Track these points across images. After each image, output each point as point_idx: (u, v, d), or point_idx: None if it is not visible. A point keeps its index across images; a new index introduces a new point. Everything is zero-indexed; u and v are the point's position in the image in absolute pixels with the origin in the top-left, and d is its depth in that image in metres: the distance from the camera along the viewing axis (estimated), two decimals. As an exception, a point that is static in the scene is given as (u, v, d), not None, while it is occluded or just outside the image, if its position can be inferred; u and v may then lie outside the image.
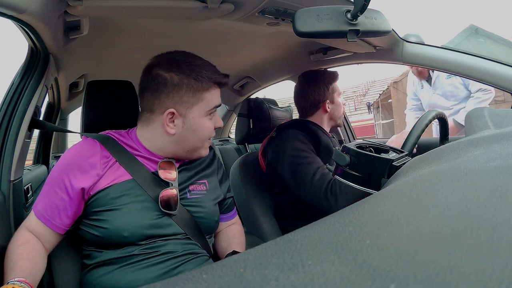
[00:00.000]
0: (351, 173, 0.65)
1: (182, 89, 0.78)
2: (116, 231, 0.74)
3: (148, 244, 0.76)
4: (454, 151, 0.36)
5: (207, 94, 0.81)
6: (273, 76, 1.92)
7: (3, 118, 0.89)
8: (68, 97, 1.83)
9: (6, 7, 0.63)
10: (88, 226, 0.78)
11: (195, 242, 0.83)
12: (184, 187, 0.85)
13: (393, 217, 0.22)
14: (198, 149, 0.85)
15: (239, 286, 0.16)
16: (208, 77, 0.80)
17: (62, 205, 0.77)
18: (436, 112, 0.82)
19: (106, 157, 0.80)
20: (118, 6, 0.86)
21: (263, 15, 1.00)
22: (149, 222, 0.77)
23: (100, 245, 0.78)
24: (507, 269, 0.14)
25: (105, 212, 0.76)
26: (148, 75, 0.81)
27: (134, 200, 0.77)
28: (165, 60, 0.81)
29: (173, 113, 0.79)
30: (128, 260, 0.75)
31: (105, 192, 0.77)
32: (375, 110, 11.27)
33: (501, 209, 0.19)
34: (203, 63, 0.83)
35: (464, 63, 1.15)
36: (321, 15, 0.75)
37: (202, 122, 0.82)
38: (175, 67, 0.79)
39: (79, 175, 0.77)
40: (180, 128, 0.80)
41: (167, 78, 0.78)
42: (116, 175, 0.79)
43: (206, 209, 0.87)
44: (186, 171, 0.88)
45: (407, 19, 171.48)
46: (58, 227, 0.78)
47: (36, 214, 0.78)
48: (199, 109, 0.81)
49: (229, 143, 2.67)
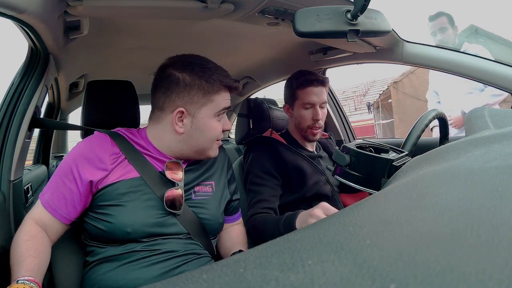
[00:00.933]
0: (351, 173, 0.65)
1: (193, 89, 0.80)
2: (120, 227, 0.75)
3: (150, 242, 0.77)
4: (454, 151, 0.36)
5: (217, 97, 0.83)
6: (273, 76, 1.92)
7: (3, 118, 0.89)
8: (68, 97, 1.83)
9: (6, 7, 0.63)
10: (93, 219, 0.78)
11: (197, 242, 0.83)
12: (190, 188, 0.86)
13: (393, 217, 0.22)
14: (206, 150, 0.86)
15: (239, 286, 0.16)
16: (220, 80, 0.82)
17: (70, 196, 0.77)
18: (436, 112, 0.82)
19: (116, 153, 0.81)
20: (118, 6, 0.86)
21: (263, 15, 1.01)
22: (153, 220, 0.78)
23: (103, 240, 0.78)
24: (507, 269, 0.14)
25: (111, 207, 0.77)
26: (161, 74, 0.83)
27: (140, 197, 0.78)
28: (179, 61, 0.84)
29: (183, 112, 0.81)
30: (130, 257, 0.76)
31: (113, 187, 0.78)
32: (375, 110, 11.28)
33: (501, 209, 0.19)
34: (216, 67, 0.85)
35: (464, 63, 1.15)
36: (321, 15, 0.75)
37: (210, 123, 0.83)
38: (188, 68, 0.82)
39: (89, 168, 0.78)
40: (188, 127, 0.82)
41: (180, 78, 0.81)
42: (124, 171, 0.80)
43: (211, 210, 0.87)
44: (192, 171, 0.89)
45: (407, 19, 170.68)
46: (64, 217, 0.78)
47: (43, 203, 0.78)
48: (208, 110, 0.82)
49: (229, 143, 2.67)
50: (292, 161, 1.20)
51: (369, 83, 26.48)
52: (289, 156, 1.20)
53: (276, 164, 1.19)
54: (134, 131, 0.88)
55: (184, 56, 0.85)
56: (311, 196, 1.20)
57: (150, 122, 0.87)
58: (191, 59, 0.84)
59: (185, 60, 0.84)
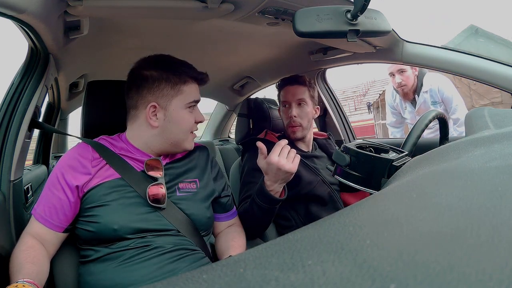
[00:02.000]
0: (351, 173, 0.65)
1: (162, 83, 0.86)
2: (107, 225, 0.78)
3: (139, 238, 0.79)
4: (454, 151, 0.36)
5: (185, 88, 0.88)
6: (273, 76, 1.92)
7: (3, 118, 0.89)
8: (68, 97, 1.83)
9: (6, 7, 0.63)
10: (82, 223, 0.82)
11: (187, 238, 0.84)
12: (174, 184, 0.89)
13: (393, 217, 0.22)
14: (182, 141, 0.90)
15: (239, 286, 0.16)
16: (185, 72, 0.88)
17: (59, 204, 0.81)
18: (436, 112, 0.82)
19: (97, 159, 0.85)
20: (118, 6, 0.86)
21: (263, 15, 1.01)
22: (138, 216, 0.81)
23: (94, 243, 0.80)
24: (507, 269, 0.14)
25: (97, 208, 0.80)
26: (131, 77, 0.90)
27: (124, 196, 0.82)
28: (145, 61, 0.90)
29: (156, 107, 0.86)
30: (122, 256, 0.78)
31: (96, 189, 0.82)
32: (375, 110, 11.27)
33: (501, 209, 0.19)
34: (182, 62, 0.91)
35: (464, 63, 1.15)
36: (321, 15, 0.75)
37: (182, 114, 0.88)
38: (154, 65, 0.88)
39: (73, 174, 0.82)
40: (162, 120, 0.87)
41: (148, 75, 0.87)
42: (106, 174, 0.84)
43: (197, 205, 0.90)
44: (175, 168, 0.92)
45: (407, 19, 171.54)
46: (56, 226, 0.82)
47: (35, 217, 0.82)
48: (179, 101, 0.87)
49: (229, 143, 2.67)
50: None
51: (369, 83, 26.45)
52: None
53: None
54: (115, 137, 0.93)
55: (150, 56, 0.92)
56: (305, 195, 1.22)
57: (128, 123, 0.92)
58: (156, 57, 0.91)
59: (151, 60, 0.90)
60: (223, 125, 2.70)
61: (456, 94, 2.09)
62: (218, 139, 2.74)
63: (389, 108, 2.40)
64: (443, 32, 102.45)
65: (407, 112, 2.24)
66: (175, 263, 0.79)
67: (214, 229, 1.03)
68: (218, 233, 1.02)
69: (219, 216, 1.01)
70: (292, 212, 1.23)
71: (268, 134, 1.36)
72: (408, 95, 2.16)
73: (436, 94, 2.08)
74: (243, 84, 2.12)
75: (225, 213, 1.02)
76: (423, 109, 2.13)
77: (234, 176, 1.44)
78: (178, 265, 0.79)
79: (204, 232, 0.91)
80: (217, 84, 2.11)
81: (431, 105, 2.10)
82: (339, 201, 1.28)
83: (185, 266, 0.80)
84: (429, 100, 2.10)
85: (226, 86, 2.16)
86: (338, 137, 1.82)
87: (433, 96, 2.10)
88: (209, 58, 1.57)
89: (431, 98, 2.10)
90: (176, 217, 0.84)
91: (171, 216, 0.84)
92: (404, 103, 2.24)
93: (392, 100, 2.33)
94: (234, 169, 1.45)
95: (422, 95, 2.10)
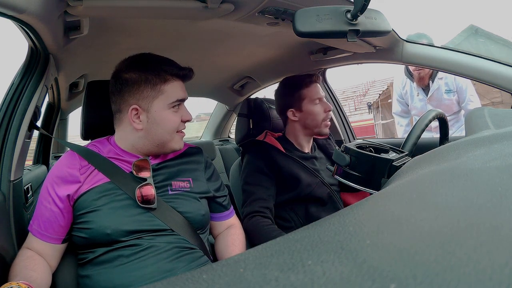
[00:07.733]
0: (351, 173, 0.65)
1: (141, 84, 0.84)
2: (100, 230, 0.78)
3: (134, 240, 0.79)
4: (454, 151, 0.36)
5: (166, 87, 0.85)
6: (273, 76, 1.92)
7: (3, 118, 0.89)
8: (68, 97, 1.82)
9: (6, 7, 0.63)
10: (76, 231, 0.82)
11: (183, 237, 0.84)
12: (166, 184, 0.88)
13: (393, 217, 0.22)
14: (168, 142, 0.88)
15: (239, 286, 0.16)
16: (165, 70, 0.85)
17: (53, 217, 0.81)
18: (436, 112, 0.82)
19: (85, 166, 0.85)
20: (118, 6, 0.86)
21: (263, 15, 1.00)
22: (129, 218, 0.80)
23: (89, 247, 0.80)
24: (507, 269, 0.14)
25: (88, 214, 0.80)
26: (112, 81, 0.89)
27: (114, 199, 0.81)
28: (124, 64, 0.89)
29: (137, 109, 0.84)
30: (118, 258, 0.77)
31: (86, 195, 0.81)
32: (375, 110, 11.26)
33: (501, 209, 0.19)
34: (162, 59, 0.88)
35: (464, 63, 1.15)
36: (321, 15, 0.75)
37: (165, 115, 0.86)
38: (133, 66, 0.86)
39: (62, 184, 0.82)
40: (145, 122, 0.85)
41: (127, 77, 0.85)
42: (95, 180, 0.83)
43: (190, 202, 0.89)
44: (168, 168, 0.91)
45: (407, 19, 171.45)
46: (53, 238, 0.82)
47: (33, 233, 0.82)
48: (161, 102, 0.85)
49: (229, 143, 2.67)
50: (283, 164, 1.23)
51: (369, 83, 26.44)
52: (280, 160, 1.24)
53: (269, 165, 1.22)
54: (103, 140, 0.93)
55: (130, 57, 0.90)
56: (305, 197, 1.22)
57: (115, 126, 0.91)
58: (135, 58, 0.89)
59: (129, 61, 0.88)
60: (223, 125, 2.69)
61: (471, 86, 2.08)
62: (218, 139, 2.73)
63: (396, 97, 2.37)
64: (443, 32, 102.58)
65: (417, 100, 2.20)
66: (173, 263, 0.79)
67: (213, 230, 1.02)
68: (217, 234, 1.02)
69: (217, 216, 1.01)
70: (291, 213, 1.23)
71: (267, 136, 1.36)
72: (423, 79, 2.13)
73: (452, 82, 2.07)
74: (243, 84, 2.12)
75: (222, 213, 1.02)
76: (435, 97, 2.11)
77: (234, 176, 1.43)
78: (176, 264, 0.79)
79: (200, 229, 0.91)
80: (217, 84, 2.11)
81: (444, 93, 2.08)
82: (339, 201, 1.28)
83: (183, 265, 0.80)
84: (443, 88, 2.08)
85: (226, 86, 2.15)
86: (338, 137, 1.82)
87: (448, 84, 2.08)
88: (209, 58, 1.57)
89: (445, 86, 2.08)
90: (170, 216, 0.84)
91: (164, 215, 0.83)
92: (416, 90, 2.20)
93: (401, 88, 2.29)
94: (234, 169, 1.45)
95: (437, 82, 2.09)
